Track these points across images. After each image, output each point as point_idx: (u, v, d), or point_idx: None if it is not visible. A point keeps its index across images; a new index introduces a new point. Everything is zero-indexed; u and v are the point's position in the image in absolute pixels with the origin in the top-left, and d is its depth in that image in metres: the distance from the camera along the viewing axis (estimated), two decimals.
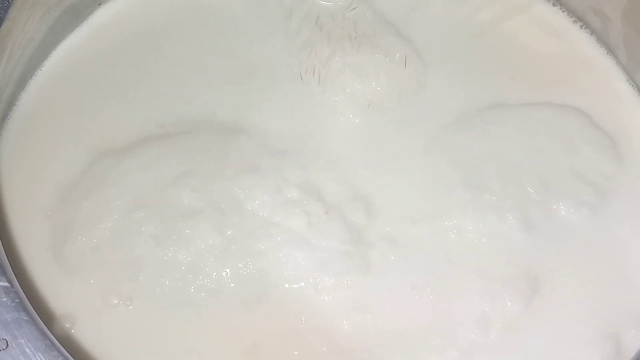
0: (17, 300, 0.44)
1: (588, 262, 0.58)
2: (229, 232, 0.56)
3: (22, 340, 0.43)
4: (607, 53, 0.68)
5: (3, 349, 0.42)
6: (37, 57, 0.63)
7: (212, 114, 0.63)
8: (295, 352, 0.54)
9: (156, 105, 0.62)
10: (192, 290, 0.55)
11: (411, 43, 0.66)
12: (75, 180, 0.58)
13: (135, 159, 0.59)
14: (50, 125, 0.61)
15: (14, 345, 0.43)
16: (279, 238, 0.57)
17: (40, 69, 0.64)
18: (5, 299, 0.44)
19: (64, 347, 0.45)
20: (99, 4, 0.67)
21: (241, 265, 0.56)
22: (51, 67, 0.64)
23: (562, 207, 0.60)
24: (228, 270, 0.56)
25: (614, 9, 0.65)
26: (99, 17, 0.67)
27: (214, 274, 0.55)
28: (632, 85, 0.66)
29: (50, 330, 0.45)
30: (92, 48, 0.65)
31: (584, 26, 0.69)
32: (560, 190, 0.60)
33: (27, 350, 0.43)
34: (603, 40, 0.68)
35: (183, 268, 0.55)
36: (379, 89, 0.64)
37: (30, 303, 0.46)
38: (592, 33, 0.68)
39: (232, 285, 0.56)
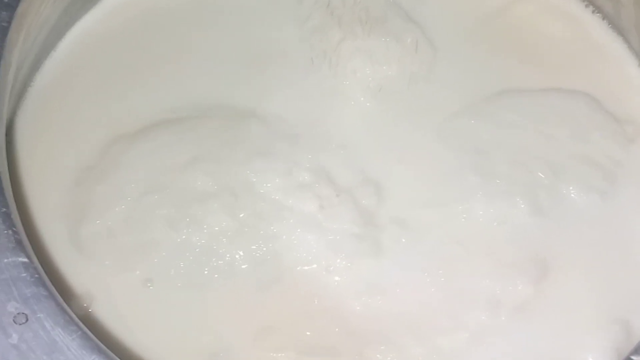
0: (36, 275, 0.44)
1: (597, 246, 0.59)
2: (242, 215, 0.57)
3: (42, 315, 0.43)
4: (619, 38, 0.68)
5: (23, 323, 0.43)
6: (51, 38, 0.63)
7: (224, 99, 0.63)
8: (308, 333, 0.55)
9: (169, 89, 0.63)
10: (205, 272, 0.56)
11: (422, 28, 0.66)
12: (90, 163, 0.59)
13: (149, 143, 0.59)
14: (65, 106, 0.62)
15: (33, 320, 0.43)
16: (291, 221, 0.57)
17: (54, 50, 0.64)
18: (25, 274, 0.44)
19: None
20: None
21: (254, 248, 0.56)
22: (65, 48, 0.65)
23: (571, 191, 0.60)
24: (241, 252, 0.56)
25: None
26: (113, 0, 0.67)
27: (228, 256, 0.56)
28: None
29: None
30: (105, 30, 0.66)
31: (595, 11, 0.69)
32: (570, 175, 0.60)
33: (47, 324, 0.43)
34: (615, 24, 0.68)
35: (197, 250, 0.56)
36: (389, 73, 0.64)
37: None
38: (604, 18, 0.68)
39: (245, 267, 0.56)
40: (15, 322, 0.43)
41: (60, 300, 0.45)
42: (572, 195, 0.60)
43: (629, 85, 0.66)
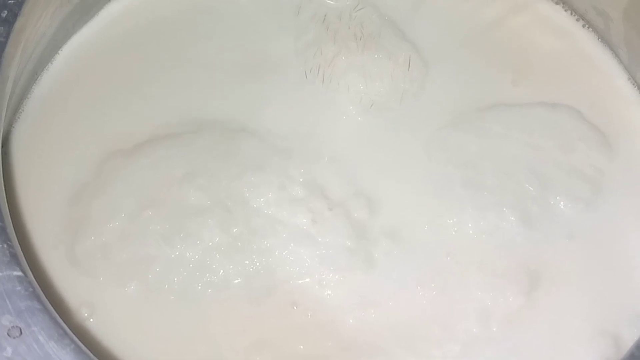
0: (30, 289, 0.44)
1: (585, 256, 0.59)
2: (235, 229, 0.57)
3: (35, 328, 0.43)
4: (609, 52, 0.68)
5: (17, 337, 0.43)
6: (48, 51, 0.64)
7: (218, 113, 0.63)
8: (301, 347, 0.55)
9: (164, 104, 0.63)
10: (199, 287, 0.56)
11: (415, 44, 0.67)
12: (86, 178, 0.59)
13: (143, 158, 0.60)
14: (61, 120, 0.62)
15: (27, 333, 0.43)
16: (284, 235, 0.58)
17: (51, 63, 0.65)
18: (19, 288, 0.44)
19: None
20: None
21: (247, 262, 0.57)
22: (62, 62, 0.65)
23: (559, 202, 0.60)
24: (234, 267, 0.56)
25: (616, 8, 0.65)
26: (109, 13, 0.67)
27: (221, 270, 0.56)
28: (633, 84, 0.67)
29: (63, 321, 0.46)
30: (101, 43, 0.66)
31: (585, 25, 0.69)
32: (557, 186, 0.60)
33: (40, 337, 0.43)
34: (604, 39, 0.68)
35: (190, 265, 0.56)
36: (382, 89, 0.65)
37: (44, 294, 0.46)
38: (593, 32, 0.69)
39: (238, 281, 0.56)
40: (9, 335, 0.43)
41: (54, 313, 0.45)
42: (560, 205, 0.60)
43: (617, 98, 0.66)
